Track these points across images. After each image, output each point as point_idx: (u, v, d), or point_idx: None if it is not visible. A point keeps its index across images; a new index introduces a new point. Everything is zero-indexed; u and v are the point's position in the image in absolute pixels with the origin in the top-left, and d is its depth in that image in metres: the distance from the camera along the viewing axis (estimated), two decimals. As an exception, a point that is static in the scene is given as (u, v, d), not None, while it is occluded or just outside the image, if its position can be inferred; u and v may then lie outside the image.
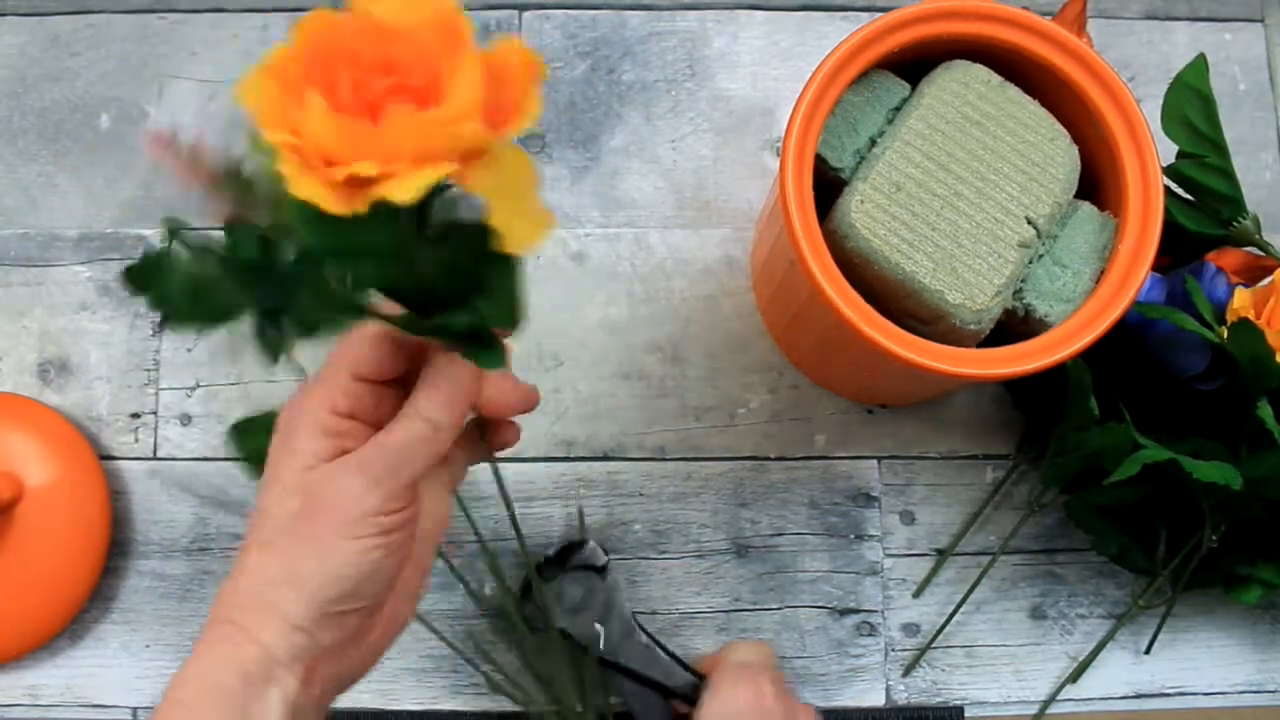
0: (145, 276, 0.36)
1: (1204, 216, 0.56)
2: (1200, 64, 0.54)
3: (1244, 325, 0.49)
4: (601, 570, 0.55)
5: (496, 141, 0.32)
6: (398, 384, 0.40)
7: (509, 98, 0.32)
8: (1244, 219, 0.55)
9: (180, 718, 0.35)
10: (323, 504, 0.37)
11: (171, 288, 0.36)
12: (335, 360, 0.39)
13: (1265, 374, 0.50)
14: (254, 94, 0.30)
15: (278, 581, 0.36)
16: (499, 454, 0.44)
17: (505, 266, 0.35)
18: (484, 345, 0.37)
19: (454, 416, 0.38)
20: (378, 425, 0.38)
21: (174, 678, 0.35)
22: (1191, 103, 0.54)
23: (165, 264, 0.36)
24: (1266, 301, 0.51)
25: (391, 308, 0.35)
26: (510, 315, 0.35)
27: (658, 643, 0.54)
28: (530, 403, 0.42)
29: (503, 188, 0.32)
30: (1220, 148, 0.54)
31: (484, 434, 0.42)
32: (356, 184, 0.29)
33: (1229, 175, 0.55)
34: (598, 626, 0.53)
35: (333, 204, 0.29)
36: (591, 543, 0.55)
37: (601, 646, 0.53)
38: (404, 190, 0.29)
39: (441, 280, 0.35)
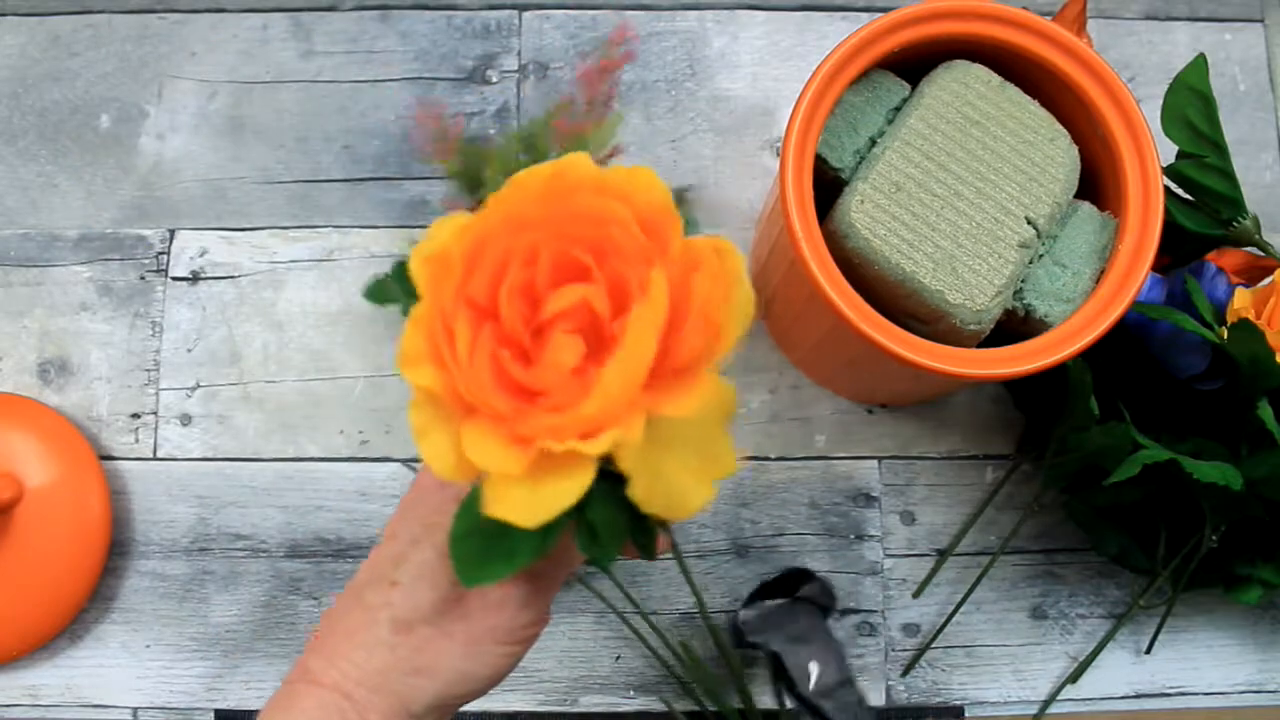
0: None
1: (1204, 216, 0.56)
2: (1200, 64, 0.54)
3: (1244, 325, 0.49)
4: (827, 611, 0.53)
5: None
6: None
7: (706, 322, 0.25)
8: (1244, 219, 0.55)
9: None
10: (481, 606, 0.35)
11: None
12: None
13: (1265, 374, 0.50)
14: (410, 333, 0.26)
15: (410, 668, 0.35)
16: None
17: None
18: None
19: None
20: None
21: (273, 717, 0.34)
22: (1191, 103, 0.54)
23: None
24: (1266, 301, 0.51)
25: None
26: (648, 554, 0.33)
27: (868, 708, 0.50)
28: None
29: (680, 439, 0.26)
30: (1220, 148, 0.54)
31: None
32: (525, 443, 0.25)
33: (1229, 175, 0.55)
34: (814, 665, 0.50)
35: (506, 463, 0.25)
36: (823, 579, 0.53)
37: (811, 686, 0.49)
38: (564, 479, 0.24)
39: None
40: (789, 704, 0.51)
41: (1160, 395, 0.54)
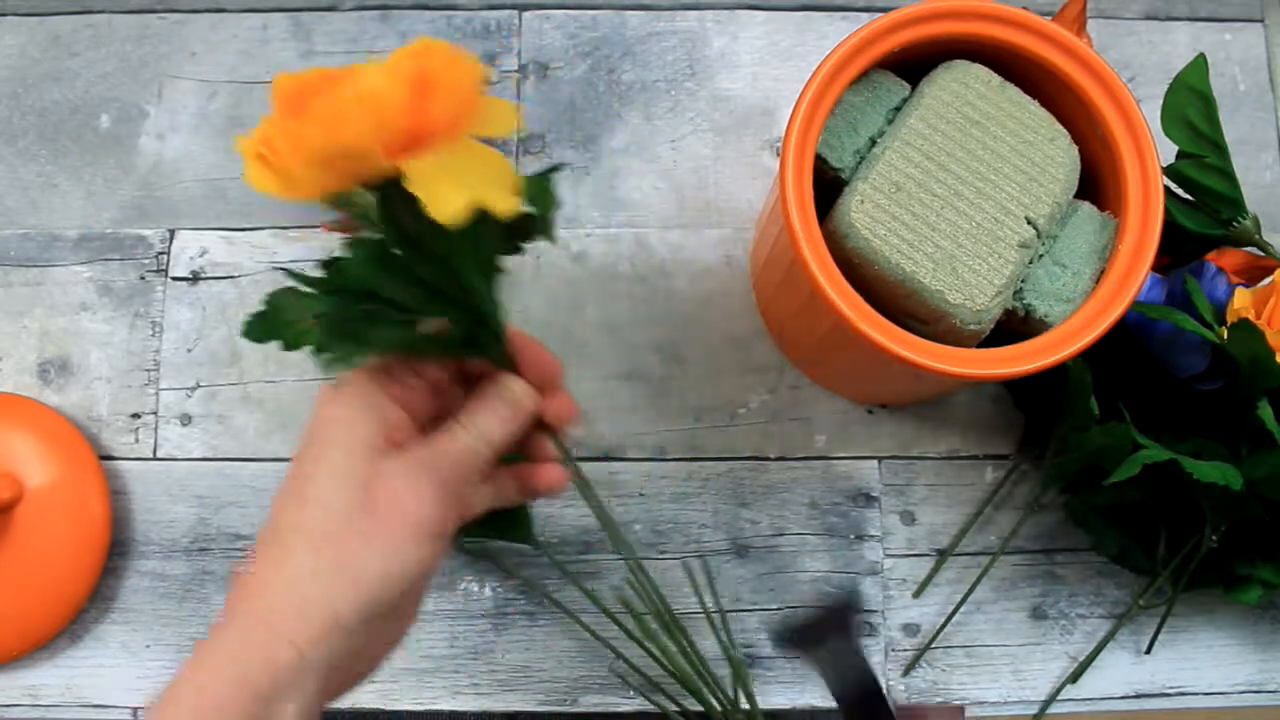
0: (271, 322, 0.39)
1: (1204, 216, 0.56)
2: (1200, 64, 0.54)
3: (1244, 325, 0.49)
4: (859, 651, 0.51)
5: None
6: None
7: (446, 105, 0.35)
8: (1244, 219, 0.55)
9: (199, 707, 0.33)
10: (393, 504, 0.36)
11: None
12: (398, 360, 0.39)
13: (1265, 374, 0.50)
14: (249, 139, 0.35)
15: (335, 579, 0.35)
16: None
17: (475, 256, 0.37)
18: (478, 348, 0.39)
19: (506, 434, 0.39)
20: (420, 425, 0.39)
21: (190, 667, 0.34)
22: (1191, 103, 0.54)
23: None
24: (1266, 301, 0.51)
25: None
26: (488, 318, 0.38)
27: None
28: (567, 412, 0.42)
29: (451, 174, 0.35)
30: (1220, 148, 0.54)
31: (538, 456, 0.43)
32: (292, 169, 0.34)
33: (1229, 175, 0.55)
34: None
35: (275, 186, 0.34)
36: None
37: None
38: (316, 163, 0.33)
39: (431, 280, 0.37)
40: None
41: (1160, 395, 0.54)
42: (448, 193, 0.34)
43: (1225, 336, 0.50)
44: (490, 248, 0.39)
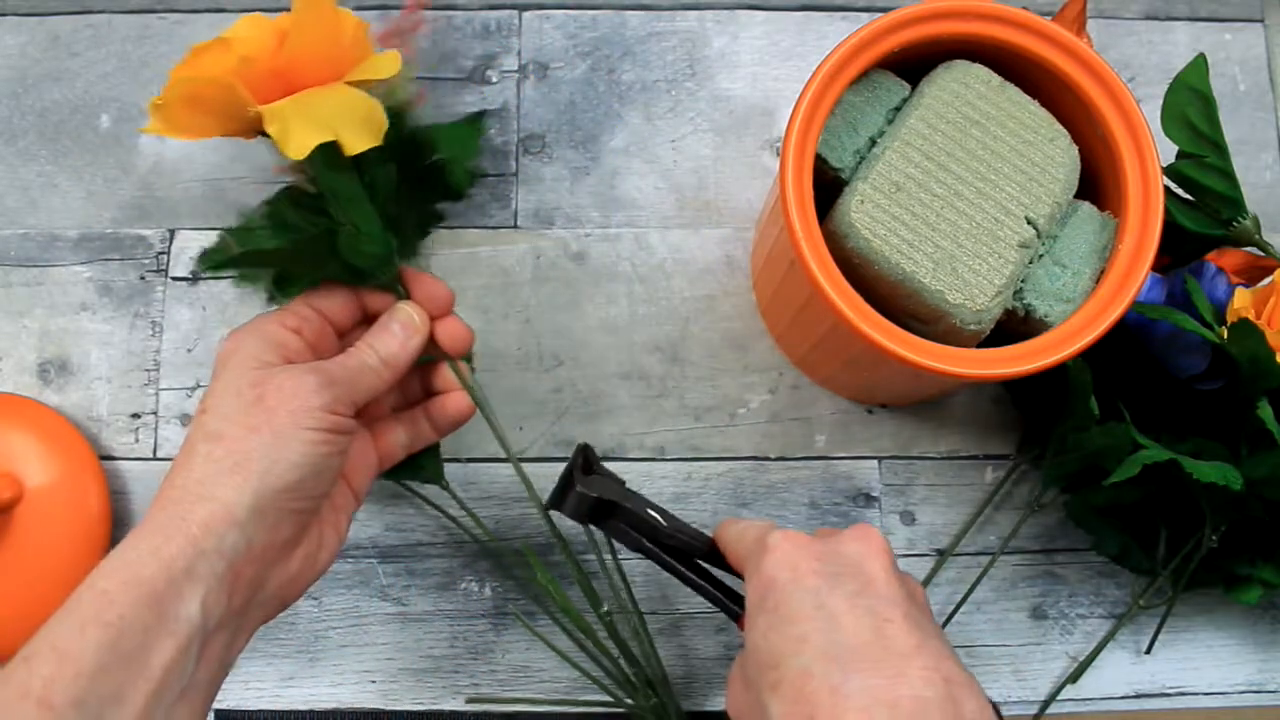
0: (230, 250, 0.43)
1: (1204, 216, 0.56)
2: (1200, 64, 0.54)
3: (1244, 325, 0.49)
4: (621, 480, 0.50)
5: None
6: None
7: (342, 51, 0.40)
8: (1244, 219, 0.55)
9: (97, 606, 0.34)
10: (278, 394, 0.38)
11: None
12: (299, 298, 0.44)
13: (1265, 374, 0.50)
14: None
15: (225, 469, 0.37)
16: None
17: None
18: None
19: (399, 352, 0.42)
20: (320, 356, 0.42)
21: (100, 564, 0.35)
22: (1191, 103, 0.54)
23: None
24: (1266, 301, 0.51)
25: None
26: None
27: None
28: (463, 340, 0.47)
29: (307, 115, 0.39)
30: (1220, 148, 0.54)
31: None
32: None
33: (1229, 175, 0.55)
34: (650, 512, 0.47)
35: (163, 127, 0.39)
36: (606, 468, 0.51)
37: (665, 527, 0.47)
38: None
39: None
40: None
41: (1160, 395, 0.54)
42: (298, 130, 0.38)
43: (1225, 336, 0.50)
44: (387, 186, 0.43)
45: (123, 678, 0.33)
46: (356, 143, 0.40)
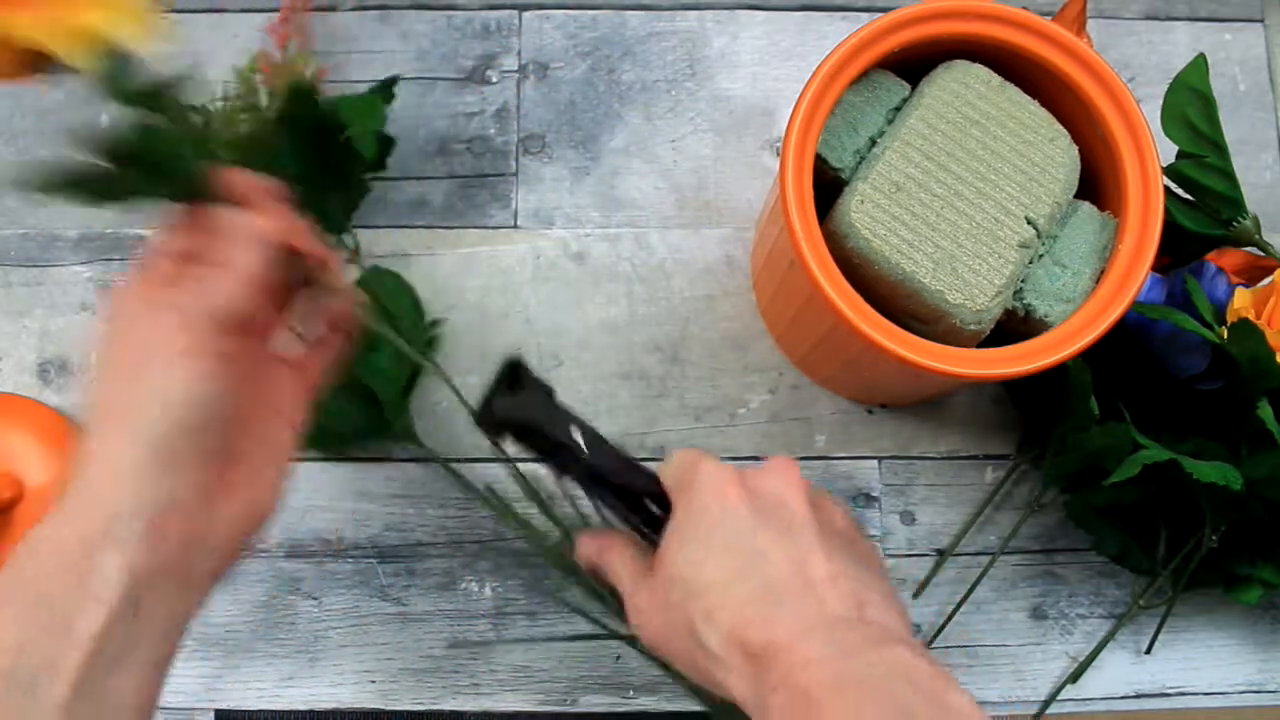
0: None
1: (1204, 216, 0.56)
2: (1200, 64, 0.54)
3: (1244, 325, 0.49)
4: (551, 393, 0.47)
5: None
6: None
7: None
8: (1244, 219, 0.55)
9: (13, 584, 0.34)
10: (142, 340, 0.37)
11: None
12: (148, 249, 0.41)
13: (1265, 374, 0.50)
14: None
15: (114, 427, 0.36)
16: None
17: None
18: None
19: (243, 257, 0.39)
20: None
21: (19, 545, 0.35)
22: (1191, 103, 0.54)
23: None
24: (1266, 302, 0.51)
25: None
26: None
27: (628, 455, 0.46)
28: (325, 260, 0.44)
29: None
30: (1220, 148, 0.54)
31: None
32: None
33: (1229, 175, 0.55)
34: (574, 431, 0.45)
35: None
36: (532, 372, 0.47)
37: (586, 450, 0.45)
38: None
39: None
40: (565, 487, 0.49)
41: (1160, 395, 0.54)
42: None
43: (1225, 336, 0.50)
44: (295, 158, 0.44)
45: (51, 648, 0.33)
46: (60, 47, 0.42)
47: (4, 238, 0.61)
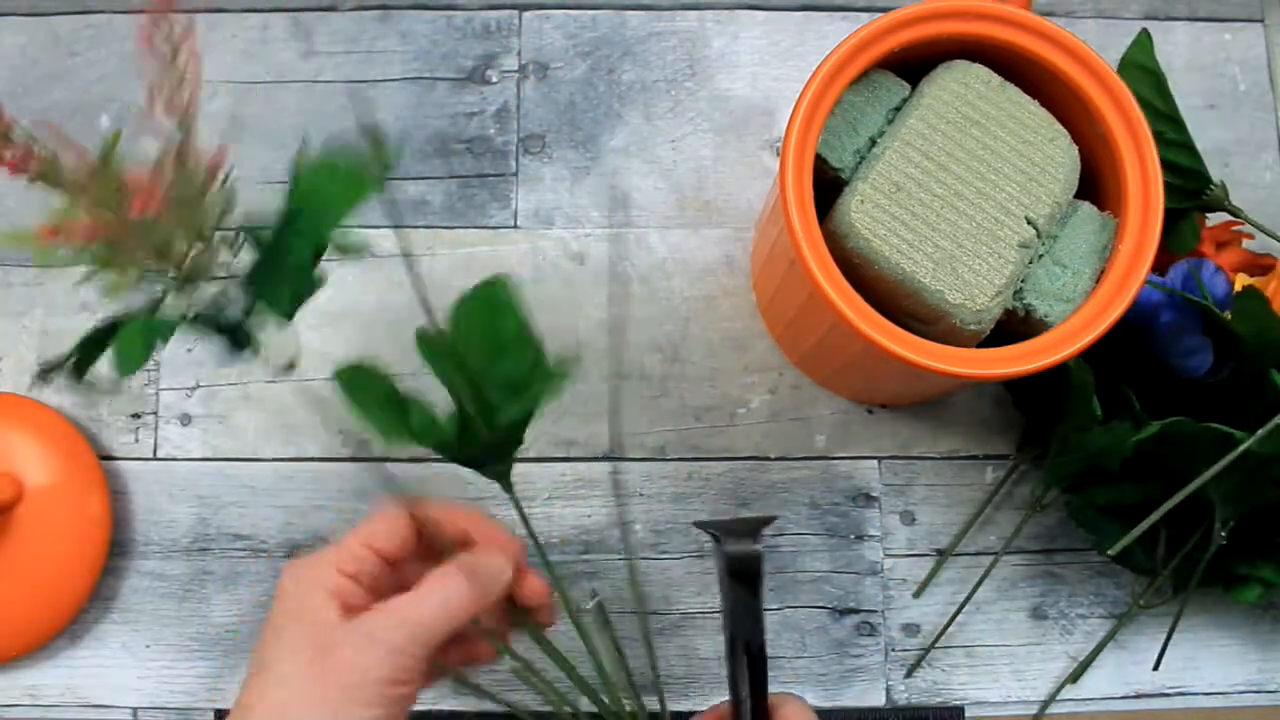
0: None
1: (1172, 191, 0.55)
2: (1144, 41, 0.53)
3: (1250, 294, 0.49)
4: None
5: None
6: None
7: None
8: (1214, 188, 0.54)
9: None
10: (335, 665, 0.37)
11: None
12: (351, 532, 0.42)
13: (1270, 348, 0.49)
14: None
15: None
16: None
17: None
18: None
19: (472, 606, 0.40)
20: (379, 596, 0.40)
21: None
22: (1143, 81, 0.53)
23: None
24: (1267, 288, 0.51)
25: None
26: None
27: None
28: (542, 599, 0.45)
29: None
30: (1177, 121, 0.54)
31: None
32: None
33: (1190, 148, 0.54)
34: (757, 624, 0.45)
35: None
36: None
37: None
38: None
39: None
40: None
41: (1167, 386, 0.54)
42: None
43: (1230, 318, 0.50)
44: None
45: None
46: None
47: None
